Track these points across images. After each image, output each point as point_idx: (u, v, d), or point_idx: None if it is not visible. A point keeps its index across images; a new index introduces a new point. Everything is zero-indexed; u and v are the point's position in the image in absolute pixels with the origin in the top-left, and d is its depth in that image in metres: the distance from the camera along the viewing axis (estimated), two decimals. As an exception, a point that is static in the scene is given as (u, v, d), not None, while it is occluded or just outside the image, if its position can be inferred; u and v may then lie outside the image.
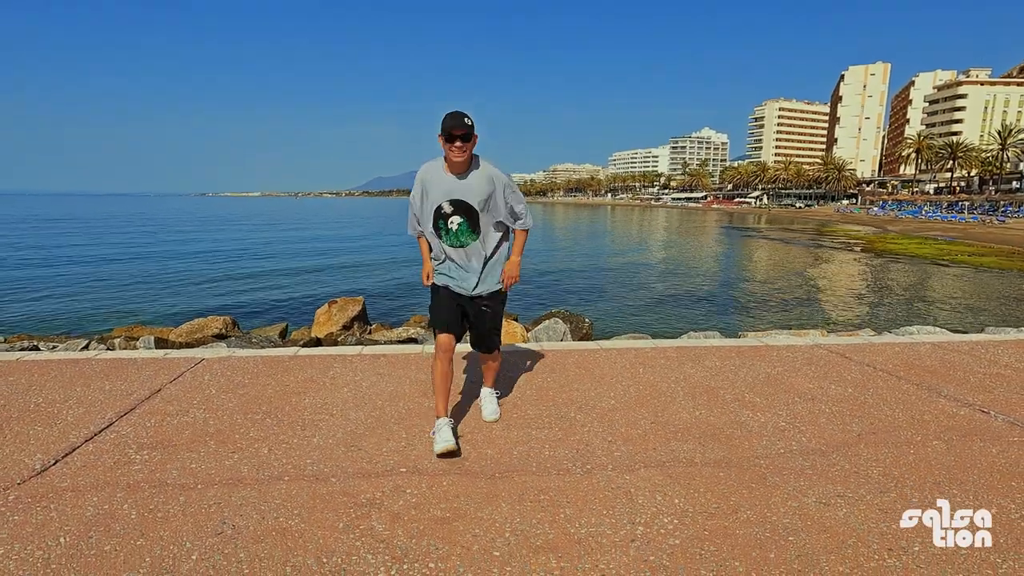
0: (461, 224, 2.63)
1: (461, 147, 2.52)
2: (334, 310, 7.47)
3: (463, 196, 2.61)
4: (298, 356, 4.11)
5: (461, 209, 2.62)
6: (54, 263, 22.34)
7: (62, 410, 3.02)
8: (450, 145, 2.52)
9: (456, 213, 2.62)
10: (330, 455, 2.54)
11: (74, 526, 1.98)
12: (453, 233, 2.65)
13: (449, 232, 2.65)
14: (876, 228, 45.25)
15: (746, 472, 2.40)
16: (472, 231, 2.65)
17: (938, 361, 4.06)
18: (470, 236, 2.66)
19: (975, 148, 75.69)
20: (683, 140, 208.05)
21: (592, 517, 2.06)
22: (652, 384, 3.53)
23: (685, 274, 20.63)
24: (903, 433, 2.80)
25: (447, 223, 2.64)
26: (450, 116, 2.49)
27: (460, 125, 2.48)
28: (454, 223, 2.63)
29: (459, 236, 2.65)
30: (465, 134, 2.50)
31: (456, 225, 2.63)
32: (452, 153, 2.53)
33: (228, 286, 17.14)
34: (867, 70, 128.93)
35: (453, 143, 2.51)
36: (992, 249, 27.30)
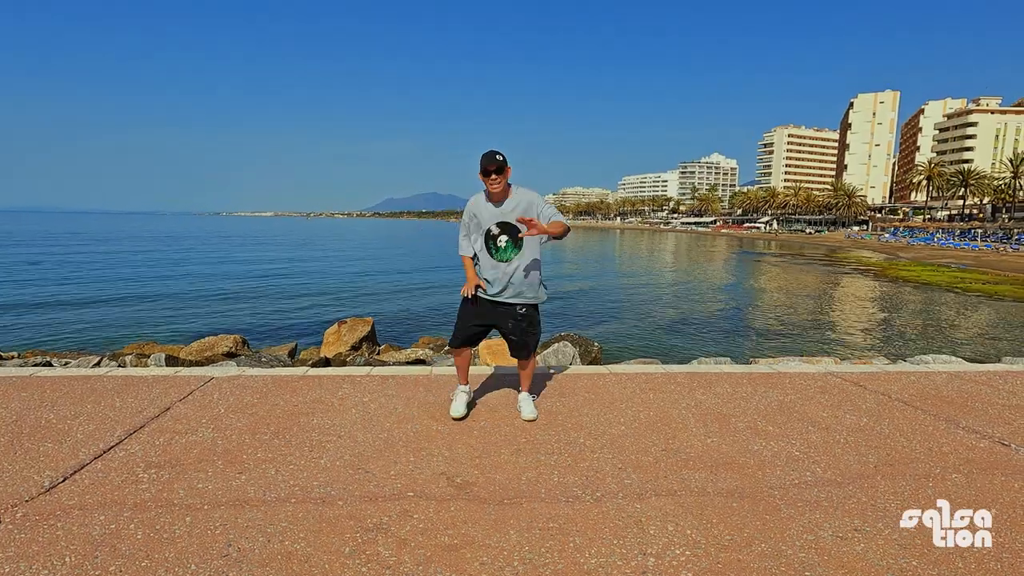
0: (507, 242, 3.16)
1: (496, 179, 3.03)
2: (343, 330, 7.50)
3: (506, 218, 3.12)
4: (307, 376, 4.11)
5: (507, 230, 3.14)
6: (68, 280, 22.67)
7: (72, 427, 3.03)
8: (487, 179, 3.04)
9: (503, 233, 3.15)
10: (337, 477, 2.52)
11: (80, 545, 1.97)
12: (502, 249, 3.17)
13: (498, 249, 3.17)
14: (888, 255, 44.91)
15: (760, 503, 2.35)
16: (516, 247, 3.17)
17: (955, 391, 3.98)
18: (514, 252, 3.17)
19: (987, 176, 75.38)
20: (692, 165, 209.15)
21: (602, 547, 2.02)
22: (662, 410, 3.49)
23: (695, 299, 20.53)
24: (921, 465, 2.73)
25: (496, 242, 3.17)
26: (485, 156, 3.01)
27: (492, 161, 3.00)
28: (502, 241, 3.16)
29: (506, 252, 3.17)
30: (498, 168, 3.00)
31: (504, 243, 3.16)
32: (490, 185, 3.05)
33: (239, 305, 17.27)
34: (876, 98, 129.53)
35: (489, 176, 3.03)
36: (1007, 277, 26.95)
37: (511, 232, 3.14)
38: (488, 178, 3.04)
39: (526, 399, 3.42)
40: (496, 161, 3.00)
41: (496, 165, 3.00)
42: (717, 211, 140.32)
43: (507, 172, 3.06)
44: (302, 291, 20.71)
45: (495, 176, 3.02)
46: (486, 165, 3.01)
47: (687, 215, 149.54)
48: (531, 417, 3.28)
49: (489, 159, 3.01)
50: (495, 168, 3.00)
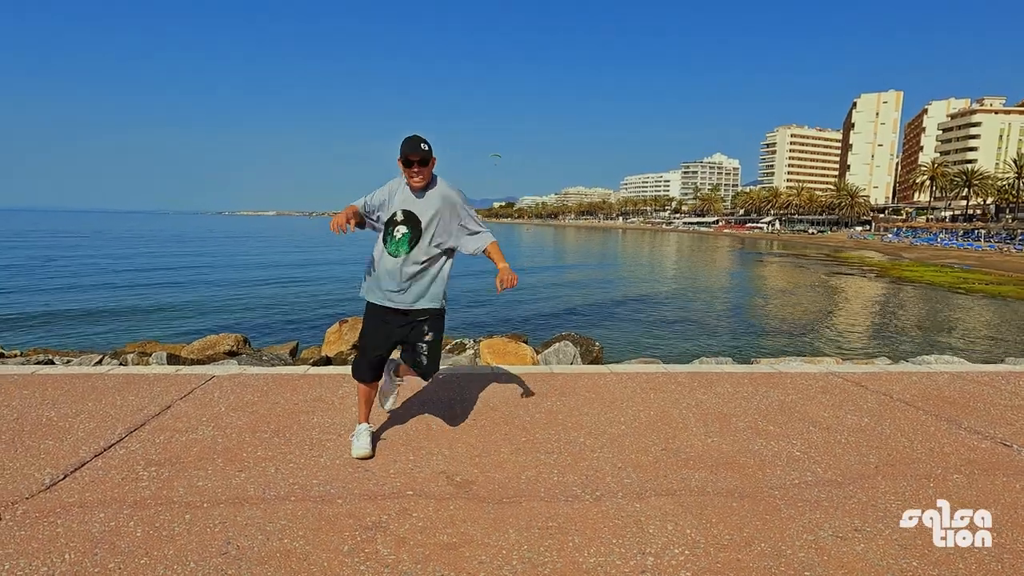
0: (405, 235, 2.71)
1: (418, 171, 2.65)
2: (344, 329, 7.50)
3: (415, 209, 2.72)
4: (308, 375, 4.11)
5: (410, 221, 2.72)
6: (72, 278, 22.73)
7: (73, 424, 3.04)
8: (408, 170, 2.66)
9: (404, 223, 2.72)
10: (337, 476, 2.52)
11: (80, 543, 1.97)
12: (395, 241, 2.72)
13: (392, 239, 2.73)
14: (891, 255, 44.80)
15: (760, 503, 2.34)
16: (410, 244, 2.71)
17: (957, 392, 3.97)
18: (406, 248, 2.71)
19: (991, 176, 75.16)
20: (694, 165, 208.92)
21: (601, 546, 2.02)
22: (663, 410, 3.48)
23: (697, 298, 20.50)
24: (922, 466, 2.72)
25: (393, 231, 2.73)
26: (407, 143, 2.61)
27: (416, 150, 2.60)
28: (399, 232, 2.72)
29: (399, 245, 2.72)
30: (422, 159, 2.62)
31: (400, 234, 2.72)
32: (411, 178, 2.68)
33: (241, 304, 17.30)
34: (879, 98, 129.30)
35: (411, 167, 2.65)
36: (1010, 278, 26.85)
37: (413, 225, 2.71)
38: (409, 169, 2.65)
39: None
40: (420, 151, 2.60)
41: (420, 155, 2.61)
42: (719, 211, 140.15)
43: (432, 164, 2.69)
44: (304, 290, 20.74)
45: (418, 168, 2.64)
46: (408, 153, 2.60)
47: (689, 215, 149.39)
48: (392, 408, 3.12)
49: (412, 147, 2.60)
50: (419, 159, 2.61)
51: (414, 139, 2.61)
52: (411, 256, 2.71)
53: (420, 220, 2.71)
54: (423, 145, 2.61)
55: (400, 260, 2.70)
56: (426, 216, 2.71)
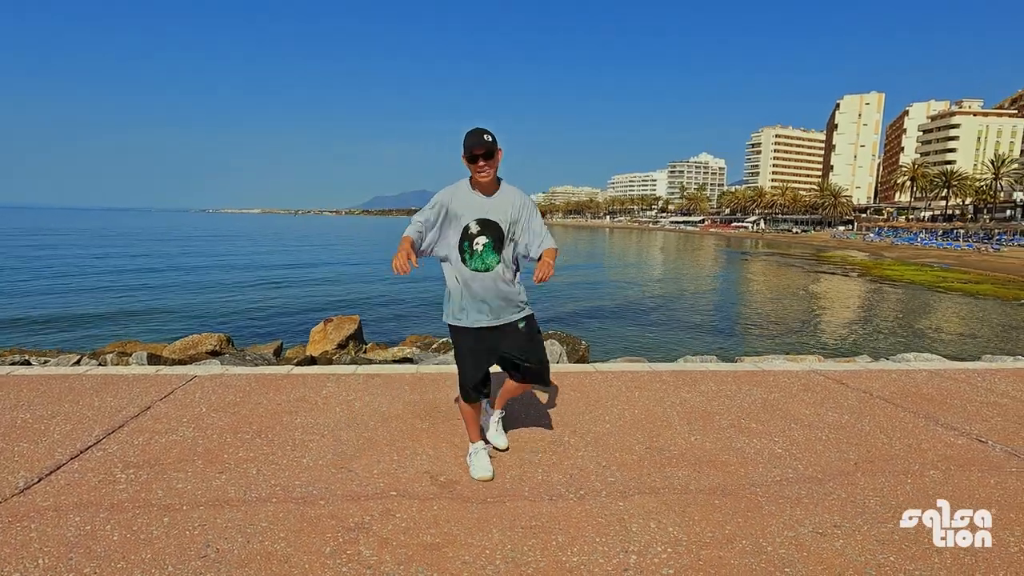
0: (487, 245, 2.48)
1: (484, 166, 2.41)
2: (329, 328, 7.44)
3: (492, 216, 2.48)
4: (291, 374, 4.07)
5: (489, 229, 2.48)
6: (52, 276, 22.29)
7: (49, 427, 2.98)
8: (473, 165, 2.42)
9: (483, 233, 2.48)
10: (319, 477, 2.50)
11: (54, 547, 1.93)
12: (478, 255, 2.48)
13: (474, 254, 2.48)
14: (872, 254, 45.49)
15: (742, 500, 2.36)
16: (496, 253, 2.50)
17: (935, 389, 4.04)
18: (493, 257, 2.50)
19: (969, 177, 76.64)
20: (681, 164, 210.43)
21: (584, 545, 2.02)
22: (647, 408, 3.50)
23: (682, 298, 20.65)
24: (900, 462, 2.77)
25: (472, 244, 2.48)
26: (472, 136, 2.39)
27: (481, 143, 2.36)
28: (479, 244, 2.48)
29: (484, 258, 2.48)
30: (487, 151, 2.38)
31: (481, 246, 2.48)
32: (477, 173, 2.44)
33: (225, 303, 17.09)
34: (862, 99, 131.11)
35: (476, 162, 2.41)
36: (988, 277, 27.43)
37: (493, 233, 2.49)
38: (475, 164, 2.42)
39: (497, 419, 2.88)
40: (485, 143, 2.36)
41: (485, 148, 2.37)
42: (705, 210, 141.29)
43: (498, 156, 2.44)
44: (289, 290, 20.54)
45: (483, 162, 2.40)
46: (472, 147, 2.37)
47: (676, 214, 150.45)
48: (505, 446, 2.84)
49: (476, 140, 2.37)
50: (484, 152, 2.38)
51: (477, 131, 2.39)
52: (500, 267, 2.51)
53: (499, 224, 2.49)
54: (486, 136, 2.37)
55: (490, 275, 2.49)
56: (504, 219, 2.49)
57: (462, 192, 2.52)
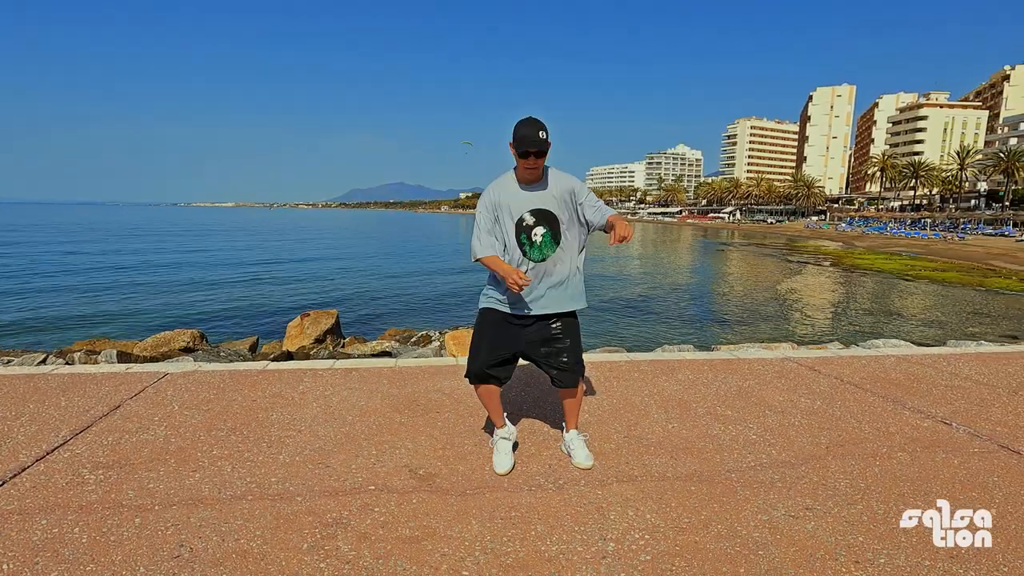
0: (545, 235, 2.45)
1: (536, 164, 2.37)
2: (307, 323, 7.34)
3: (543, 204, 2.45)
4: (267, 370, 4.01)
5: (544, 218, 2.45)
6: (15, 273, 21.55)
7: (12, 428, 2.88)
8: (524, 160, 2.36)
9: (539, 224, 2.44)
10: (296, 473, 2.47)
11: (20, 552, 1.87)
12: (537, 246, 2.45)
13: (533, 245, 2.45)
14: (844, 243, 46.54)
15: (717, 486, 2.40)
16: (555, 242, 2.47)
17: (903, 374, 4.16)
18: (552, 247, 2.47)
19: (936, 168, 78.83)
20: (658, 156, 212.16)
21: (563, 534, 2.03)
22: (625, 398, 3.53)
23: (660, 287, 20.88)
24: (869, 445, 2.85)
25: (531, 236, 2.45)
26: (524, 126, 2.30)
27: (535, 142, 2.29)
28: (538, 235, 2.45)
29: (543, 249, 2.46)
30: (540, 150, 2.32)
31: (540, 237, 2.45)
32: (526, 169, 2.39)
33: (198, 298, 16.73)
34: (834, 91, 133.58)
35: (527, 159, 2.34)
36: (953, 264, 28.29)
37: (549, 222, 2.45)
38: (525, 160, 2.35)
39: (577, 440, 2.67)
40: (540, 142, 2.29)
41: (539, 148, 2.30)
42: (683, 201, 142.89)
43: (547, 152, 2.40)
44: (265, 285, 20.20)
45: (535, 160, 2.35)
46: (527, 145, 2.29)
47: (654, 205, 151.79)
48: (588, 464, 2.57)
49: (532, 138, 2.28)
50: (536, 151, 2.31)
51: (532, 125, 2.29)
52: (558, 255, 2.47)
53: (554, 213, 2.45)
54: (542, 133, 2.29)
55: (548, 263, 2.46)
56: (557, 207, 2.46)
57: (510, 186, 2.47)
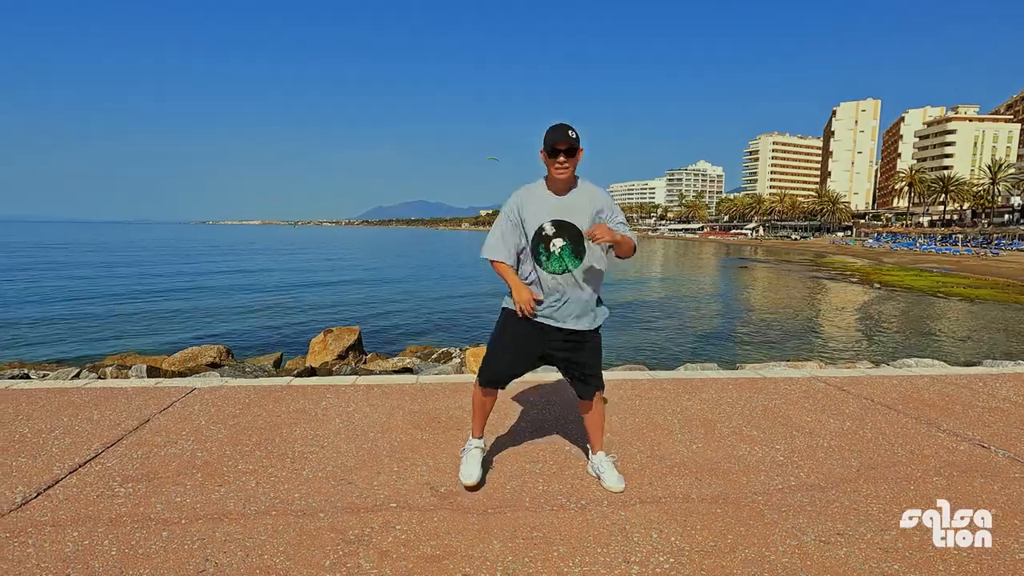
0: (564, 247, 2.39)
1: (565, 163, 2.33)
2: (329, 339, 7.44)
3: (567, 216, 2.39)
4: (291, 386, 4.06)
5: (565, 231, 2.38)
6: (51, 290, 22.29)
7: (47, 441, 2.97)
8: (553, 160, 2.34)
9: (559, 235, 2.38)
10: (319, 489, 2.49)
11: (52, 563, 1.92)
12: (556, 257, 2.39)
13: (551, 256, 2.39)
14: (871, 260, 45.53)
15: (743, 508, 2.35)
16: (575, 255, 2.40)
17: (936, 395, 4.03)
18: (573, 261, 2.40)
19: (966, 182, 76.97)
20: (679, 172, 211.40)
21: (586, 555, 2.01)
22: (648, 417, 3.49)
23: (682, 304, 20.63)
24: (903, 468, 2.75)
25: (548, 246, 2.39)
26: (553, 129, 2.33)
27: (564, 138, 2.29)
28: (556, 246, 2.39)
29: (562, 261, 2.39)
30: (569, 148, 2.31)
31: (559, 248, 2.39)
32: (556, 170, 2.35)
33: (225, 315, 17.07)
34: (858, 106, 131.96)
35: (556, 157, 2.33)
36: (987, 281, 27.42)
37: (571, 235, 2.39)
38: (555, 159, 2.33)
39: (605, 462, 2.61)
40: (568, 138, 2.29)
41: (568, 143, 2.29)
42: (704, 218, 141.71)
43: (579, 156, 2.36)
44: (289, 301, 20.53)
45: (564, 159, 2.32)
46: (555, 142, 2.30)
47: (675, 222, 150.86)
48: (620, 487, 2.51)
49: (560, 134, 2.30)
50: (566, 148, 2.30)
51: (561, 126, 2.32)
52: (580, 270, 2.41)
53: (576, 226, 2.39)
54: (571, 132, 2.31)
55: (567, 277, 2.40)
56: (581, 220, 2.39)
57: (537, 192, 2.45)
